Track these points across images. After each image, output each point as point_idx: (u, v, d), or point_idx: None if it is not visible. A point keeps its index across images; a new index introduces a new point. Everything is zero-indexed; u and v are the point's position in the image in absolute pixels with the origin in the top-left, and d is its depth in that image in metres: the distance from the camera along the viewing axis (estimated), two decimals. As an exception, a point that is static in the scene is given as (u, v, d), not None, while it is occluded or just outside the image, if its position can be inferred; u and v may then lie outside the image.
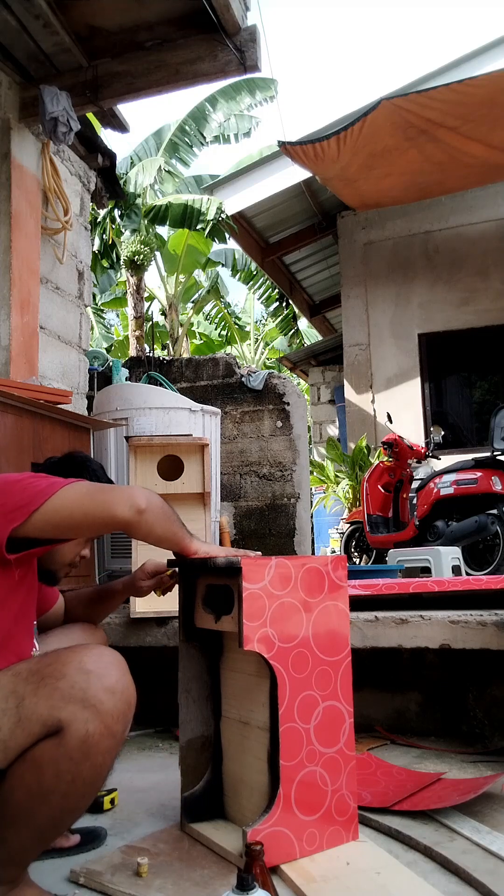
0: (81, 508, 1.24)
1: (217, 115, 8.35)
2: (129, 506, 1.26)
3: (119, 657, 1.20)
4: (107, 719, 1.12)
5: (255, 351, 13.83)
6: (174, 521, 1.38)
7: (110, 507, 1.26)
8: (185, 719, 1.57)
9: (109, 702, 1.13)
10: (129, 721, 1.18)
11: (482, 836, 1.45)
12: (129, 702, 1.17)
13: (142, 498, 1.28)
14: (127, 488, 1.33)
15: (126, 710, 1.16)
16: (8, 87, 3.12)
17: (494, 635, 2.00)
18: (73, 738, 1.10)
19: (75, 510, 1.23)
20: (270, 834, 1.31)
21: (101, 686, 1.13)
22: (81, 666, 1.14)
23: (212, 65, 2.88)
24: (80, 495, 1.24)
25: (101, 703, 1.12)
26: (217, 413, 3.18)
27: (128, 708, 1.17)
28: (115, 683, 1.15)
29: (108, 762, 1.16)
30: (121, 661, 1.20)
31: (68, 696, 1.11)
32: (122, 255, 8.92)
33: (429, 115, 5.29)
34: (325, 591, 1.45)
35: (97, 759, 1.12)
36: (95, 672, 1.14)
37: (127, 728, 1.18)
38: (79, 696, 1.11)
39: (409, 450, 5.36)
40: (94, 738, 1.10)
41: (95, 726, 1.11)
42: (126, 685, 1.17)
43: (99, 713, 1.11)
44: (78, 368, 3.74)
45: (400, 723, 2.29)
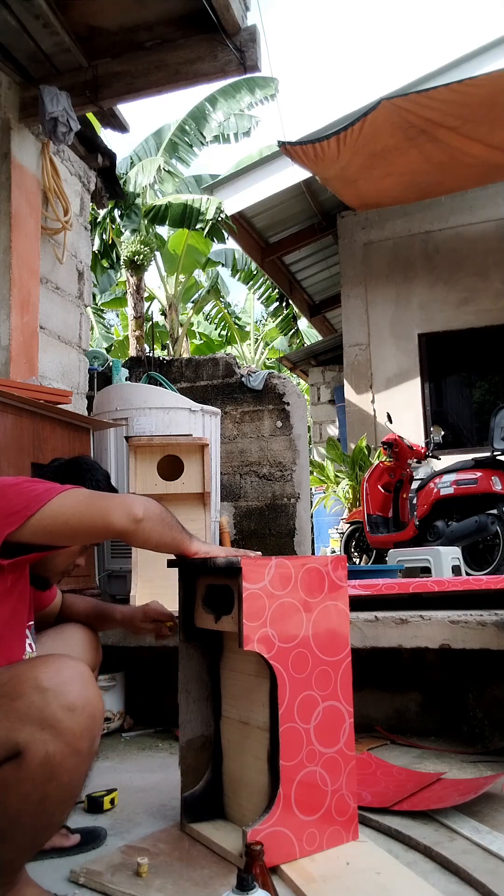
0: (77, 516, 1.22)
1: (217, 115, 8.35)
2: (125, 514, 1.25)
3: (81, 669, 1.15)
4: (68, 738, 1.07)
5: (255, 351, 13.83)
6: (172, 526, 1.36)
7: (106, 515, 1.24)
8: (185, 719, 1.57)
9: (69, 720, 1.07)
10: (96, 735, 1.14)
11: (482, 836, 1.45)
12: (93, 715, 1.12)
13: (139, 507, 1.26)
14: (124, 496, 1.31)
15: (90, 726, 1.11)
16: (8, 87, 3.12)
17: (494, 635, 2.00)
18: (33, 760, 1.05)
19: (71, 517, 1.22)
20: (270, 834, 1.31)
21: (59, 704, 1.07)
22: (37, 684, 1.09)
23: (212, 65, 2.88)
24: (76, 502, 1.23)
25: (60, 722, 1.07)
26: (217, 413, 3.18)
27: (91, 723, 1.11)
28: (76, 700, 1.09)
29: (77, 779, 1.12)
30: (82, 672, 1.14)
31: (25, 717, 1.06)
32: (122, 255, 8.92)
33: (429, 115, 5.29)
34: (325, 591, 1.45)
35: (63, 777, 1.08)
36: (52, 689, 1.08)
37: (94, 742, 1.14)
38: (36, 717, 1.06)
39: (409, 450, 5.36)
40: (55, 758, 1.06)
41: (56, 746, 1.06)
42: (88, 699, 1.11)
43: (59, 733, 1.06)
44: (78, 368, 3.74)
45: (400, 723, 2.29)
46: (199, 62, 2.88)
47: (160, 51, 2.94)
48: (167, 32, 2.92)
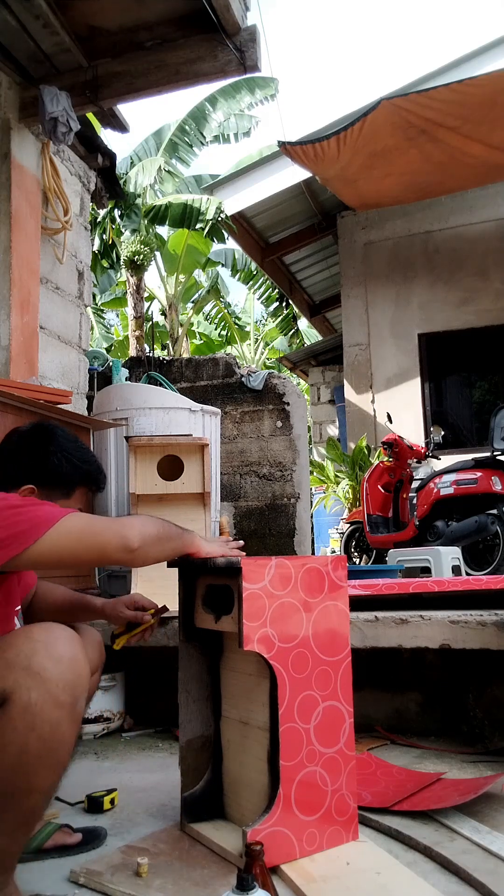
0: (72, 551, 1.22)
1: (217, 115, 8.35)
2: (121, 547, 1.25)
3: (70, 632, 1.18)
4: (51, 687, 1.10)
5: (255, 351, 13.83)
6: (170, 538, 1.37)
7: (102, 549, 1.25)
8: (185, 719, 1.57)
9: (55, 669, 1.11)
10: (80, 694, 1.15)
11: (482, 836, 1.45)
12: (78, 672, 1.15)
13: (134, 535, 1.26)
14: (119, 525, 1.29)
15: (74, 680, 1.13)
16: (8, 87, 3.12)
17: (494, 635, 2.00)
18: (16, 705, 1.08)
19: (66, 552, 1.22)
20: (270, 834, 1.31)
21: (47, 654, 1.12)
22: (29, 635, 1.14)
23: (212, 65, 2.88)
24: (71, 538, 1.22)
25: (45, 669, 1.10)
26: (217, 413, 3.18)
27: (76, 678, 1.14)
28: (63, 652, 1.13)
29: (59, 735, 1.12)
30: (72, 635, 1.18)
31: (13, 664, 1.10)
32: (122, 255, 8.92)
33: (429, 115, 5.29)
34: (325, 591, 1.45)
35: (43, 729, 1.09)
36: (42, 641, 1.13)
37: (78, 701, 1.15)
38: (23, 664, 1.10)
39: (409, 450, 5.36)
40: (37, 706, 1.08)
41: (39, 694, 1.08)
42: (74, 655, 1.15)
43: (43, 681, 1.09)
44: (78, 368, 3.74)
45: (400, 723, 2.29)
46: (199, 62, 2.89)
47: (160, 51, 2.94)
48: (167, 32, 2.92)
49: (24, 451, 1.44)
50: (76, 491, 1.48)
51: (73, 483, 1.46)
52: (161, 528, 1.35)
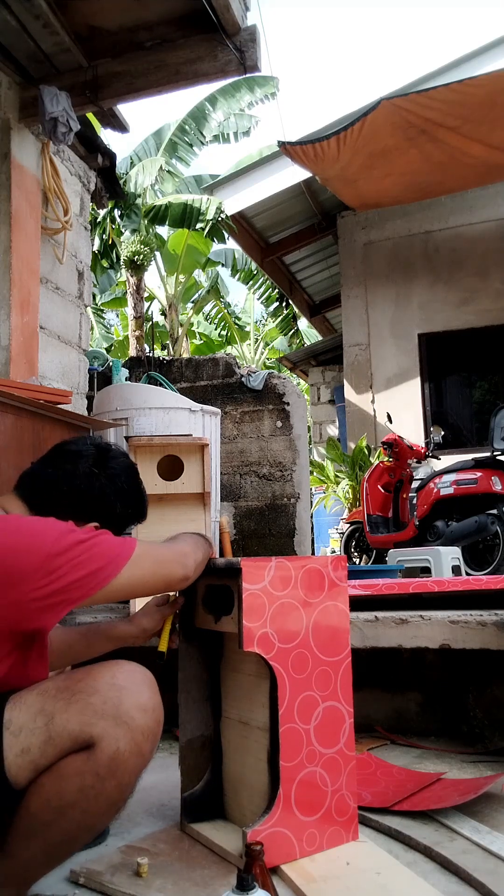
0: (144, 585, 1.25)
1: (217, 115, 8.35)
2: (182, 576, 1.31)
3: (150, 675, 1.18)
4: (137, 737, 1.10)
5: (255, 351, 13.83)
6: (206, 555, 1.42)
7: (168, 580, 1.29)
8: (185, 719, 1.57)
9: (141, 719, 1.11)
10: (157, 741, 1.16)
11: (482, 836, 1.45)
12: (159, 720, 1.15)
13: (191, 564, 1.32)
14: (177, 553, 1.32)
15: (156, 729, 1.14)
16: (8, 87, 3.12)
17: (494, 635, 2.00)
18: (104, 753, 1.07)
19: (138, 586, 1.24)
20: (270, 834, 1.31)
21: (134, 703, 1.11)
22: (114, 682, 1.12)
23: (212, 65, 2.88)
24: (144, 572, 1.23)
25: (133, 719, 1.10)
26: (217, 413, 3.17)
27: (157, 726, 1.14)
28: (147, 701, 1.13)
29: (133, 782, 1.13)
30: (152, 679, 1.18)
31: (101, 712, 1.09)
32: (122, 255, 8.92)
33: (429, 115, 5.29)
34: (325, 592, 1.45)
35: (124, 777, 1.09)
36: (128, 688, 1.12)
37: (154, 748, 1.15)
38: (111, 712, 1.09)
39: (409, 450, 5.36)
40: (123, 755, 1.08)
41: (126, 743, 1.08)
42: (157, 704, 1.15)
43: (131, 730, 1.09)
44: (78, 368, 3.74)
45: (400, 723, 2.29)
46: (199, 62, 2.88)
47: (160, 51, 2.94)
48: (167, 32, 2.92)
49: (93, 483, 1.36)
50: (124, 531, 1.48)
51: (127, 523, 1.45)
52: (201, 547, 1.39)
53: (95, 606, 2.69)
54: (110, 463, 1.41)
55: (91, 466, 1.38)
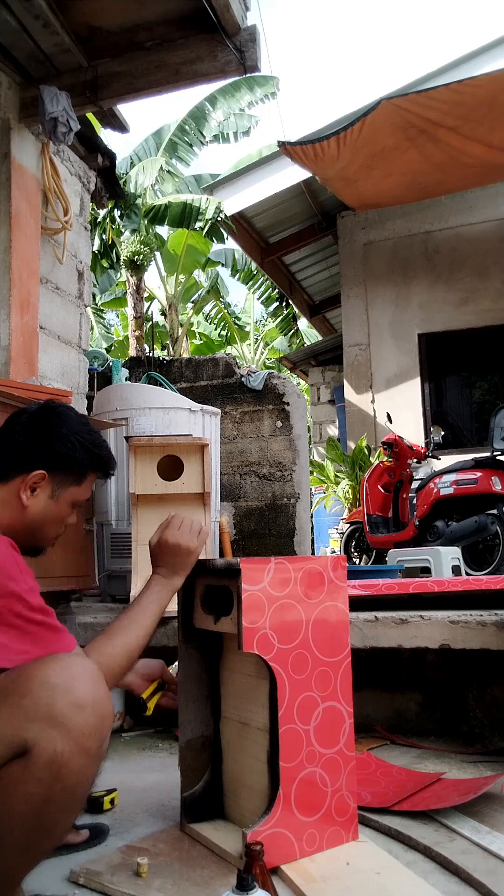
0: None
1: (217, 114, 8.35)
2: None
3: (91, 667, 1.12)
4: (76, 736, 1.04)
5: (255, 351, 13.84)
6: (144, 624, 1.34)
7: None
8: (185, 719, 1.57)
9: (78, 717, 1.05)
10: (106, 735, 1.11)
11: (482, 836, 1.45)
12: (103, 715, 1.09)
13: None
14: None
15: (99, 725, 1.08)
16: (8, 87, 3.12)
17: (494, 635, 2.00)
18: (40, 759, 1.02)
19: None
20: (270, 835, 1.31)
21: (69, 701, 1.05)
22: (45, 680, 1.06)
23: (212, 65, 2.88)
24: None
25: (69, 719, 1.04)
26: (217, 413, 3.18)
27: (101, 722, 1.08)
28: (85, 697, 1.06)
29: (84, 782, 1.08)
30: (92, 671, 1.11)
31: (32, 715, 1.03)
32: (121, 255, 8.93)
33: (429, 115, 5.29)
34: (324, 592, 1.45)
35: (69, 779, 1.04)
36: (62, 686, 1.06)
37: (103, 743, 1.10)
38: (43, 714, 1.03)
39: (409, 450, 5.37)
40: (62, 757, 1.03)
41: (64, 745, 1.03)
42: (98, 698, 1.08)
43: (67, 730, 1.03)
44: (78, 368, 3.74)
45: (400, 723, 2.29)
46: (199, 62, 2.89)
47: (160, 51, 2.94)
48: (167, 32, 2.93)
49: (34, 433, 1.33)
50: (87, 478, 1.38)
51: (85, 469, 1.36)
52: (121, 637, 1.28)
53: (95, 606, 2.69)
54: (51, 413, 1.37)
55: (31, 418, 1.36)
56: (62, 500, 1.33)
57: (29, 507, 1.29)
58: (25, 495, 1.28)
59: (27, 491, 1.29)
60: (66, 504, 1.35)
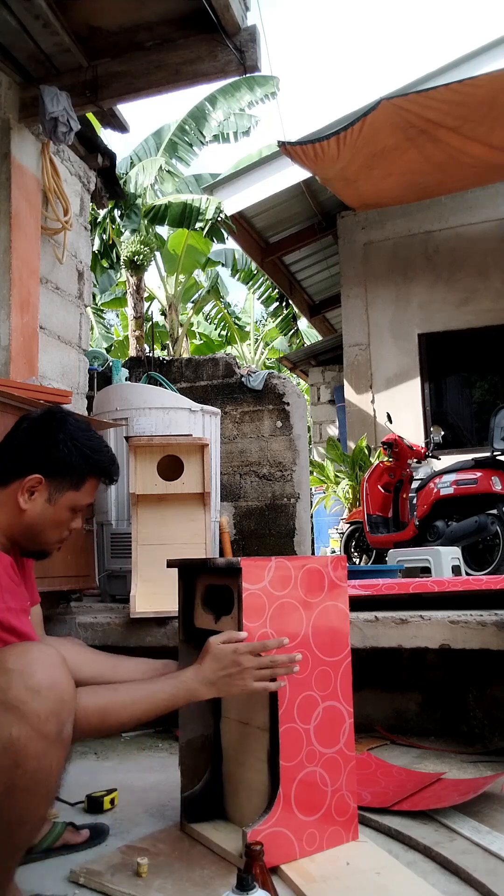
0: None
1: (217, 114, 8.35)
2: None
3: (49, 652, 1.12)
4: (32, 720, 1.04)
5: (255, 351, 13.84)
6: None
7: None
8: (185, 719, 1.57)
9: (34, 701, 1.04)
10: (66, 719, 1.10)
11: (482, 836, 1.45)
12: (61, 699, 1.08)
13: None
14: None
15: (57, 709, 1.07)
16: (8, 87, 3.12)
17: (494, 635, 2.00)
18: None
19: None
20: (270, 834, 1.31)
21: (23, 685, 1.05)
22: (2, 666, 1.06)
23: (212, 65, 2.88)
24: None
25: (23, 703, 1.04)
26: (217, 413, 3.18)
27: (59, 706, 1.08)
28: (41, 681, 1.06)
29: (46, 767, 1.06)
30: (51, 655, 1.11)
31: None
32: (122, 255, 8.93)
33: (429, 116, 5.29)
34: (324, 592, 1.45)
35: (30, 764, 1.04)
36: (17, 671, 1.06)
37: (63, 727, 1.09)
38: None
39: (409, 450, 5.37)
40: (19, 742, 1.03)
41: (20, 730, 1.03)
42: (54, 681, 1.08)
43: (23, 715, 1.03)
44: (78, 368, 3.74)
45: (400, 723, 2.29)
46: (199, 62, 2.89)
47: (160, 51, 2.94)
48: (167, 32, 2.92)
49: (33, 438, 1.34)
50: (86, 483, 1.37)
51: (83, 474, 1.36)
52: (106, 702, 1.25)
53: (95, 606, 2.69)
54: (50, 419, 1.37)
55: (31, 423, 1.36)
56: (60, 505, 1.33)
57: (27, 510, 1.30)
58: (23, 499, 1.30)
59: (24, 494, 1.30)
60: (65, 508, 1.35)
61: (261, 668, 1.31)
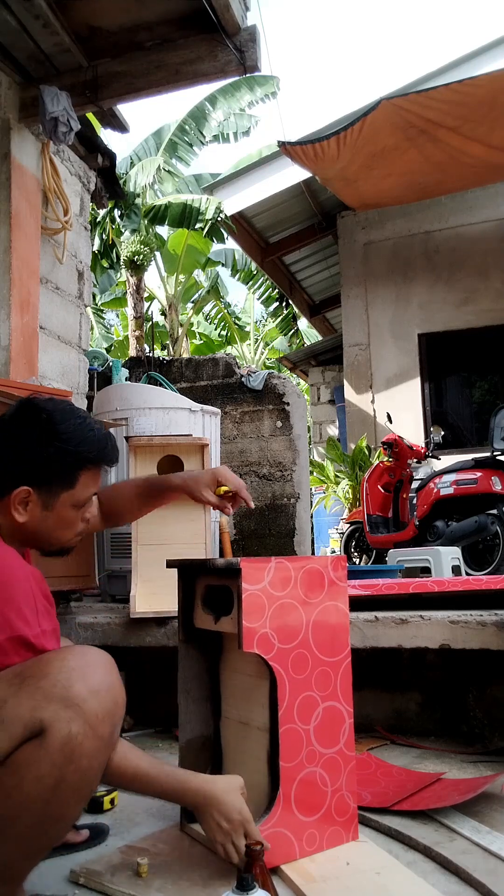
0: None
1: (217, 114, 8.35)
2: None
3: (106, 656, 1.14)
4: (91, 719, 1.06)
5: (255, 351, 13.84)
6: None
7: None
8: (185, 719, 1.57)
9: (93, 700, 1.07)
10: (118, 722, 1.13)
11: (482, 836, 1.45)
12: (116, 701, 1.11)
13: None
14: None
15: (113, 709, 1.10)
16: (8, 87, 3.12)
17: (494, 635, 2.00)
18: (55, 739, 1.04)
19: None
20: (270, 834, 1.31)
21: (85, 684, 1.07)
22: (64, 664, 1.09)
23: (212, 65, 2.88)
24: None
25: (85, 701, 1.06)
26: (217, 413, 3.18)
27: (115, 706, 1.11)
28: (101, 681, 1.09)
29: (96, 766, 1.09)
30: (107, 660, 1.14)
31: (50, 696, 1.05)
32: (121, 255, 8.93)
33: (429, 116, 5.29)
34: (324, 592, 1.45)
35: (82, 762, 1.06)
36: (78, 669, 1.08)
37: (115, 729, 1.12)
38: (60, 695, 1.05)
39: (409, 450, 5.37)
40: (77, 738, 1.05)
41: (79, 726, 1.05)
42: (111, 684, 1.11)
43: (82, 712, 1.05)
44: (78, 368, 3.74)
45: (400, 723, 2.29)
46: (199, 62, 2.89)
47: (160, 51, 2.94)
48: (167, 32, 2.93)
49: (9, 445, 1.25)
50: (80, 477, 1.29)
51: (73, 471, 1.28)
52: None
53: (95, 606, 2.69)
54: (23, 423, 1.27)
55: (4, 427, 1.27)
56: (58, 508, 1.28)
57: (26, 521, 1.26)
58: (17, 513, 1.25)
59: (17, 508, 1.25)
60: (65, 508, 1.29)
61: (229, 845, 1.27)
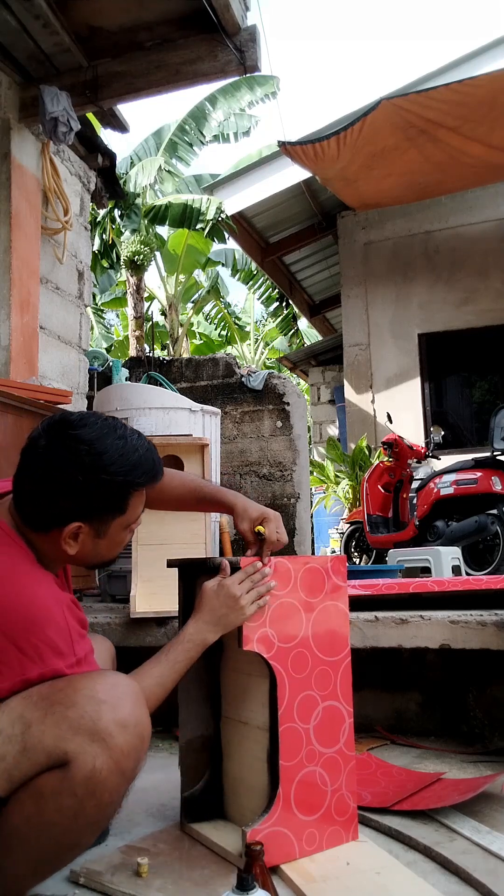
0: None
1: (217, 114, 8.35)
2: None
3: (135, 688, 1.12)
4: (116, 755, 1.04)
5: (255, 351, 13.84)
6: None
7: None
8: (185, 719, 1.57)
9: (120, 736, 1.05)
10: (142, 758, 1.10)
11: (482, 836, 1.45)
12: (143, 736, 1.09)
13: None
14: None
15: (138, 746, 1.08)
16: (8, 87, 3.12)
17: (494, 635, 2.00)
18: (79, 772, 1.02)
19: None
20: (270, 834, 1.31)
21: (113, 718, 1.05)
22: (93, 694, 1.06)
23: (212, 65, 2.89)
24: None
25: (112, 736, 1.04)
26: (217, 413, 3.18)
27: (140, 743, 1.08)
28: (128, 716, 1.07)
29: (116, 800, 1.08)
30: (137, 692, 1.12)
31: (77, 727, 1.03)
32: (122, 255, 8.93)
33: (429, 116, 5.29)
34: (325, 591, 1.45)
35: (103, 797, 1.04)
36: (108, 702, 1.05)
37: (138, 766, 1.10)
38: (87, 728, 1.03)
39: (409, 450, 5.37)
40: (101, 774, 1.03)
41: (103, 762, 1.03)
42: (140, 718, 1.09)
43: (108, 748, 1.03)
44: (78, 368, 3.74)
45: (400, 723, 2.29)
46: (199, 62, 2.89)
47: (160, 51, 2.94)
48: (167, 32, 2.93)
49: (56, 486, 1.16)
50: (131, 501, 1.23)
51: (124, 498, 1.21)
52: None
53: (95, 606, 2.69)
54: (66, 459, 1.17)
55: (47, 465, 1.17)
56: (110, 534, 1.24)
57: (77, 553, 1.22)
58: (68, 546, 1.19)
59: (69, 542, 1.19)
60: (118, 532, 1.25)
61: (248, 594, 1.35)
